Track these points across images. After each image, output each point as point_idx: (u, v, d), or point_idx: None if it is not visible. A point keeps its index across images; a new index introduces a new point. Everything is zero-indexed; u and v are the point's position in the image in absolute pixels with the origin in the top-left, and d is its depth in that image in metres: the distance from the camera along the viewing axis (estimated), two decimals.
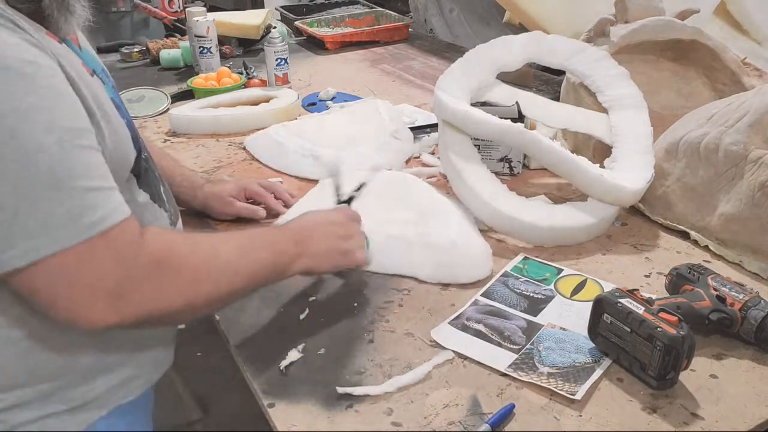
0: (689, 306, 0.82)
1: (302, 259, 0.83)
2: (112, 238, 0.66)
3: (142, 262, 0.68)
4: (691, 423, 0.71)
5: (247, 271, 0.77)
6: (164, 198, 0.88)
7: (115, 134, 0.74)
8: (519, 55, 1.23)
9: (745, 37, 1.69)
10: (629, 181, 1.04)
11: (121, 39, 2.29)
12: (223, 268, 0.75)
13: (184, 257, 0.72)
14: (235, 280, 0.76)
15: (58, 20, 0.73)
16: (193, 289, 0.71)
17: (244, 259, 0.77)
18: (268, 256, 0.80)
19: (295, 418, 0.73)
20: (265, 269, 0.79)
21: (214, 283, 0.73)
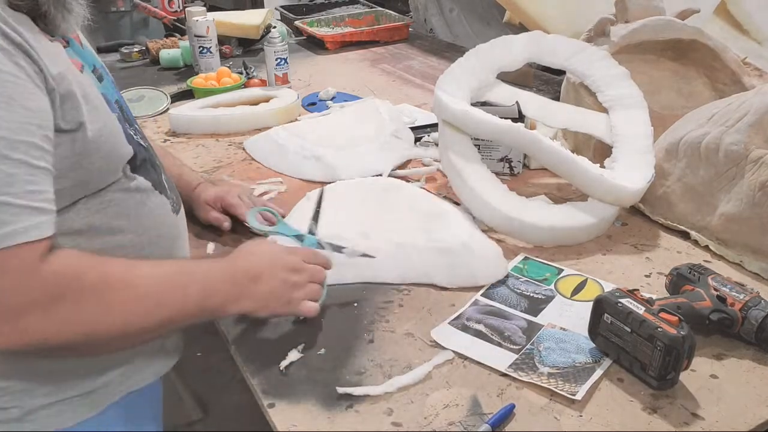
0: (690, 306, 0.82)
1: (242, 301, 0.78)
2: (10, 258, 0.62)
3: (34, 289, 0.64)
4: (692, 423, 0.71)
5: (166, 308, 0.72)
6: (166, 186, 0.88)
7: (104, 127, 0.74)
8: (519, 55, 1.23)
9: (745, 37, 1.69)
10: (629, 181, 1.04)
11: (121, 39, 2.29)
12: (136, 302, 0.70)
13: (90, 286, 0.67)
14: (149, 316, 0.71)
15: (56, 18, 0.73)
16: (93, 320, 0.67)
17: (164, 295, 0.72)
18: (197, 294, 0.74)
19: (295, 418, 0.73)
20: (189, 309, 0.74)
21: (122, 316, 0.69)
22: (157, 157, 0.90)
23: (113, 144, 0.76)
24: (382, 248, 0.96)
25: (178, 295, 0.73)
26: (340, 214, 1.03)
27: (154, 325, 0.72)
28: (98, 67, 0.83)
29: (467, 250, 0.96)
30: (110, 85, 0.84)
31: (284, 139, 1.34)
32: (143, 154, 0.83)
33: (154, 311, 0.71)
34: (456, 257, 0.95)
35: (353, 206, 1.06)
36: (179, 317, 0.74)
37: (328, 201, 1.05)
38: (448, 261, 0.95)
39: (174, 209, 0.88)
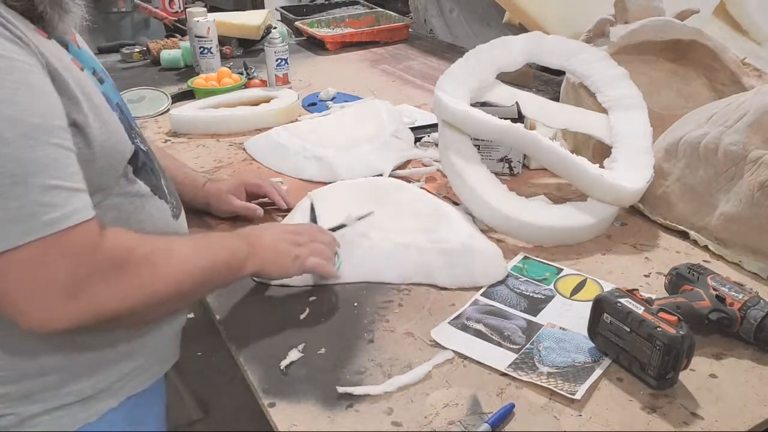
0: (689, 306, 0.82)
1: (256, 256, 0.83)
2: (69, 239, 0.65)
3: (99, 262, 0.67)
4: (691, 423, 0.71)
5: (203, 269, 0.77)
6: (166, 191, 0.88)
7: (106, 126, 0.74)
8: (519, 55, 1.23)
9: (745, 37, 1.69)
10: (629, 181, 1.04)
11: (122, 39, 2.29)
12: (180, 267, 0.74)
13: (143, 256, 0.71)
14: (192, 279, 0.75)
15: (53, 18, 0.73)
16: (151, 287, 0.71)
17: (200, 257, 0.77)
18: (223, 254, 0.80)
19: (296, 418, 0.73)
20: (220, 267, 0.79)
21: (173, 284, 0.73)
22: (157, 161, 0.90)
23: (115, 142, 0.76)
24: (382, 248, 0.96)
25: (210, 257, 0.78)
26: (340, 214, 1.03)
27: (196, 284, 0.76)
28: (98, 70, 0.83)
29: (467, 250, 0.96)
30: (111, 87, 0.84)
31: (285, 139, 1.35)
32: (143, 158, 0.84)
33: (194, 272, 0.76)
34: (456, 257, 0.95)
35: (353, 206, 1.06)
36: (213, 277, 0.79)
37: (328, 201, 1.06)
38: (449, 261, 0.95)
39: (174, 214, 0.89)
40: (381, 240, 0.98)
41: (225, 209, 1.09)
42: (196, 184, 1.10)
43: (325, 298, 0.94)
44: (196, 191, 1.09)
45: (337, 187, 1.14)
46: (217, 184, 1.11)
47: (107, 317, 0.68)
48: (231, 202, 1.09)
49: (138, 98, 1.66)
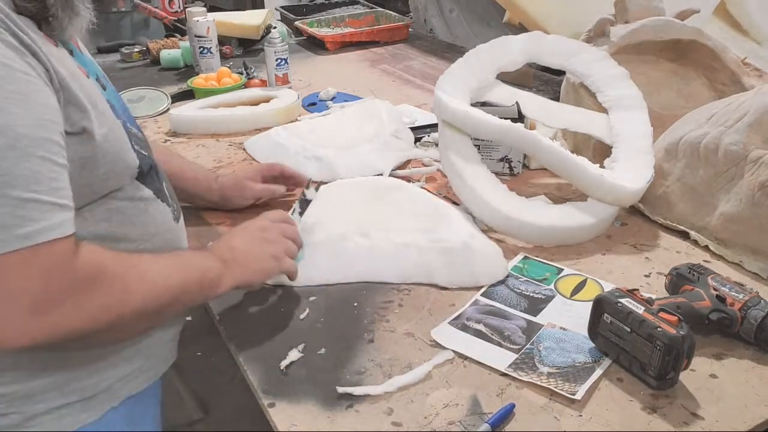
0: (689, 306, 0.82)
1: (231, 270, 0.81)
2: (41, 254, 0.63)
3: (69, 280, 0.66)
4: (691, 423, 0.71)
5: (173, 288, 0.75)
6: (167, 195, 0.89)
7: (111, 132, 0.74)
8: (519, 55, 1.23)
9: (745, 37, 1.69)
10: (629, 181, 1.04)
11: (122, 39, 2.29)
12: (150, 288, 0.73)
13: (114, 275, 0.70)
14: (161, 299, 0.74)
15: (62, 21, 0.73)
16: (120, 308, 0.70)
17: (171, 278, 0.75)
18: (195, 274, 0.78)
19: (296, 418, 0.73)
20: (191, 287, 0.78)
21: (143, 303, 0.72)
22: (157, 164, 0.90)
23: (119, 150, 0.76)
24: (382, 248, 0.96)
25: (181, 277, 0.77)
26: (340, 213, 1.03)
27: (165, 305, 0.75)
28: (100, 76, 0.84)
29: (468, 250, 0.96)
30: (113, 93, 0.85)
31: (285, 139, 1.35)
32: (147, 162, 0.84)
33: (164, 293, 0.74)
34: (457, 257, 0.95)
35: (353, 205, 1.06)
36: (184, 297, 0.77)
37: (328, 200, 1.05)
38: (449, 261, 0.95)
39: (175, 217, 0.89)
40: (381, 240, 0.97)
41: (246, 195, 1.10)
42: (209, 178, 1.11)
43: (325, 298, 0.94)
44: (210, 184, 1.10)
45: (337, 186, 1.14)
46: (232, 175, 1.12)
47: (73, 336, 0.67)
48: (252, 187, 1.10)
49: (138, 98, 1.66)
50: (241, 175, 1.11)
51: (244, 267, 0.83)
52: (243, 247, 0.84)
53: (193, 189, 1.09)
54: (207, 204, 1.12)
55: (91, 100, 0.72)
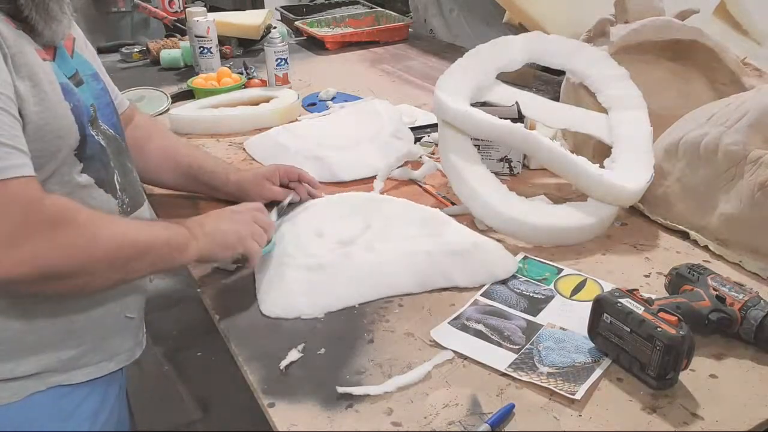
0: (689, 306, 0.82)
1: (197, 242, 0.84)
2: (11, 189, 0.68)
3: (40, 214, 0.69)
4: (691, 423, 0.71)
5: (143, 241, 0.79)
6: (118, 187, 0.90)
7: (49, 111, 0.77)
8: (519, 55, 1.23)
9: (745, 37, 1.69)
10: (629, 181, 1.04)
11: (122, 39, 2.29)
12: (120, 235, 0.77)
13: (83, 220, 0.73)
14: (131, 247, 0.77)
15: (38, 24, 0.77)
16: (90, 249, 0.73)
17: (140, 232, 0.79)
18: (163, 234, 0.82)
19: (295, 418, 0.73)
20: (160, 245, 0.81)
21: (112, 249, 0.75)
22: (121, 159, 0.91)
23: (56, 128, 0.78)
24: (391, 260, 0.94)
25: (150, 233, 0.80)
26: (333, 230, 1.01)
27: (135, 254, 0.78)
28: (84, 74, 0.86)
29: (478, 248, 0.96)
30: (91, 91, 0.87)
31: (285, 139, 1.35)
32: (96, 150, 0.85)
33: (134, 242, 0.78)
34: (470, 256, 0.95)
35: (342, 220, 1.04)
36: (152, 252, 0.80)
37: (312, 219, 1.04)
38: (463, 261, 0.95)
39: (123, 210, 0.90)
40: (388, 252, 0.95)
41: (265, 194, 1.11)
42: (228, 171, 1.12)
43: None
44: (228, 177, 1.11)
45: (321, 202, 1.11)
46: (252, 171, 1.14)
47: (47, 272, 0.70)
48: (271, 188, 1.11)
49: (138, 98, 1.66)
50: (261, 173, 1.13)
51: (210, 238, 0.86)
52: (212, 222, 0.88)
53: (212, 182, 1.11)
54: (225, 197, 1.14)
55: (33, 77, 0.75)
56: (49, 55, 0.81)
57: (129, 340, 0.93)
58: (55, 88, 0.78)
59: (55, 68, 0.81)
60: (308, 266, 0.93)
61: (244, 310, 0.92)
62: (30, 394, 0.82)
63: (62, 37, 0.83)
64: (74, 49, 0.88)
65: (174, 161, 1.10)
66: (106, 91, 0.93)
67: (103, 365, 0.89)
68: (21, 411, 0.81)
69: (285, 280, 0.92)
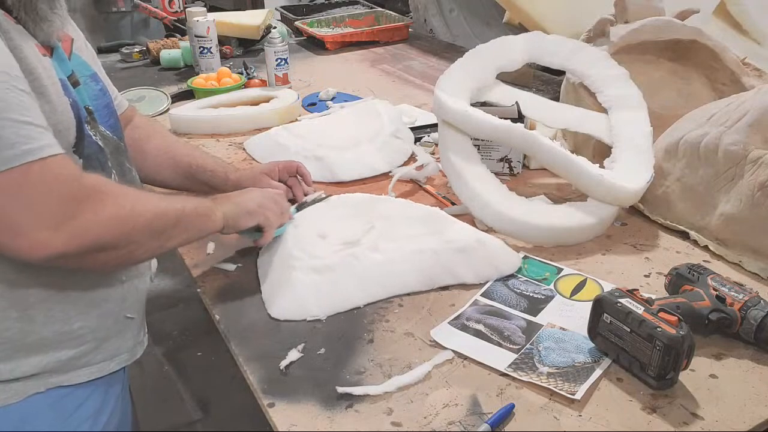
0: (689, 306, 0.82)
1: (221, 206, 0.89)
2: (50, 167, 0.69)
3: (81, 189, 0.71)
4: (691, 423, 0.71)
5: (174, 210, 0.82)
6: None
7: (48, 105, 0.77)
8: (519, 55, 1.23)
9: (745, 37, 1.69)
10: (629, 181, 1.04)
11: (122, 39, 2.29)
12: (154, 205, 0.80)
13: (121, 193, 0.77)
14: (166, 215, 0.81)
15: (27, 24, 0.77)
16: (132, 219, 0.75)
17: (169, 202, 0.83)
18: (190, 204, 0.86)
19: (295, 418, 0.73)
20: (189, 212, 0.84)
21: (151, 218, 0.78)
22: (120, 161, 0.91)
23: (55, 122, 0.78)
24: (397, 259, 0.94)
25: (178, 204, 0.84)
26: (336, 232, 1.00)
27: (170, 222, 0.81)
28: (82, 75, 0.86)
29: (482, 244, 0.96)
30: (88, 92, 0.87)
31: (284, 139, 1.35)
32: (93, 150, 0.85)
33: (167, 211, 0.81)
34: (474, 252, 0.95)
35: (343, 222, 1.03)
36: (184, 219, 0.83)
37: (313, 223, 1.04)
38: (469, 258, 0.95)
39: None
40: (393, 251, 0.95)
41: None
42: (227, 170, 1.12)
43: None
44: (227, 176, 1.12)
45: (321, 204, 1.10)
46: (250, 169, 1.14)
47: (97, 244, 0.72)
48: (268, 183, 1.11)
49: (138, 98, 1.66)
50: (260, 169, 1.14)
51: (234, 205, 0.91)
52: (236, 194, 0.95)
53: (211, 181, 1.11)
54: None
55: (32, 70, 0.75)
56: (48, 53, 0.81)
57: (130, 340, 0.93)
58: (55, 83, 0.78)
59: (54, 64, 0.81)
60: (314, 268, 0.92)
61: (244, 310, 0.92)
62: (30, 395, 0.82)
63: (57, 38, 0.82)
64: (72, 51, 0.88)
65: (173, 161, 1.10)
66: (104, 93, 0.93)
67: (104, 365, 0.89)
68: (21, 412, 0.81)
69: (292, 282, 0.91)
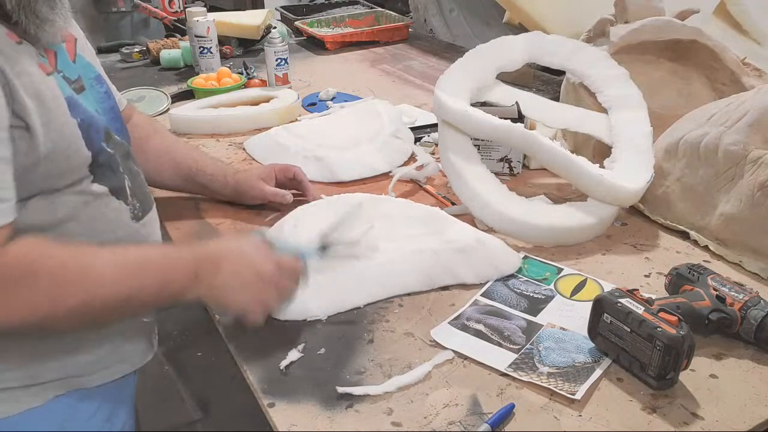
0: (689, 306, 0.82)
1: (198, 287, 0.78)
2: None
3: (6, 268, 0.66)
4: (691, 423, 0.71)
5: (120, 294, 0.74)
6: (129, 193, 0.88)
7: (57, 132, 0.75)
8: (519, 55, 1.23)
9: (745, 37, 1.69)
10: (629, 181, 1.04)
11: (122, 39, 2.29)
12: (92, 288, 0.72)
13: (50, 270, 0.70)
14: (103, 301, 0.73)
15: (28, 27, 0.74)
16: (51, 305, 0.69)
17: (121, 282, 0.74)
18: (154, 283, 0.76)
19: (295, 418, 0.73)
20: (146, 295, 0.76)
21: (79, 301, 0.71)
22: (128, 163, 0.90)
23: (65, 149, 0.76)
24: (397, 258, 0.94)
25: (134, 284, 0.75)
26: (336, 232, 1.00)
27: (110, 307, 0.74)
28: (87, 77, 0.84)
29: (482, 244, 0.96)
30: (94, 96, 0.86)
31: (284, 139, 1.35)
32: (105, 158, 0.83)
33: (108, 296, 0.73)
34: (475, 252, 0.95)
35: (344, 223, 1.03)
36: (134, 303, 0.76)
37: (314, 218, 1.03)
38: (469, 258, 0.95)
39: (135, 216, 0.88)
40: (393, 251, 0.95)
41: (256, 195, 1.10)
42: (226, 174, 1.11)
43: None
44: (226, 180, 1.10)
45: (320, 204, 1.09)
46: (248, 172, 1.13)
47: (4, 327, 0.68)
48: (262, 188, 1.10)
49: (138, 98, 1.66)
50: (255, 173, 1.12)
51: (214, 291, 0.79)
52: (229, 270, 0.79)
53: (210, 185, 1.10)
54: (223, 198, 1.14)
55: (38, 97, 0.73)
56: (52, 64, 0.79)
57: (143, 342, 0.93)
58: (60, 105, 0.77)
59: (59, 81, 0.79)
60: (315, 268, 0.92)
61: None
62: (51, 399, 0.81)
63: (61, 38, 0.81)
64: (76, 51, 0.87)
65: (174, 162, 1.10)
66: (109, 95, 0.92)
67: (119, 368, 0.89)
68: (43, 415, 0.81)
69: None
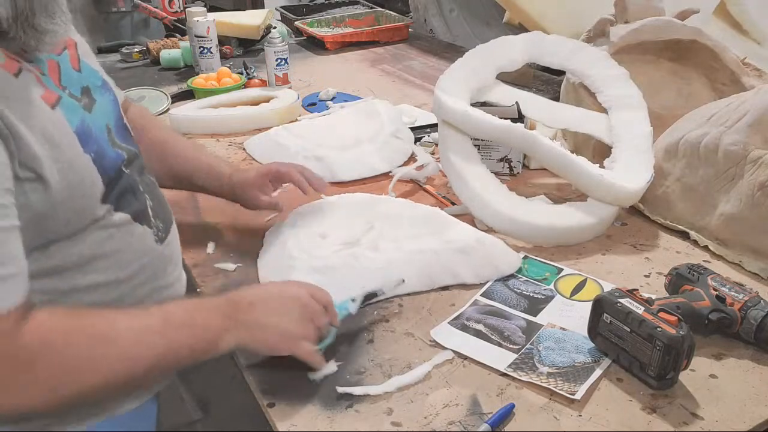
0: (689, 306, 0.82)
1: (234, 331, 0.74)
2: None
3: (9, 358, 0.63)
4: (691, 423, 0.71)
5: (152, 356, 0.70)
6: (151, 214, 0.85)
7: (70, 169, 0.71)
8: (519, 55, 1.23)
9: (745, 37, 1.69)
10: (629, 181, 1.04)
11: (122, 39, 2.29)
12: (117, 358, 0.68)
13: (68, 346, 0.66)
14: (132, 369, 0.69)
15: (28, 42, 0.70)
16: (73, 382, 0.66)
17: (151, 343, 0.70)
18: (186, 338, 0.72)
19: (295, 418, 0.73)
20: (181, 352, 0.72)
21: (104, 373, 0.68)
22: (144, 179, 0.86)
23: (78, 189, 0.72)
24: (397, 258, 0.94)
25: (164, 343, 0.71)
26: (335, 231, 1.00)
27: (143, 370, 0.71)
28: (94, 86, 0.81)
29: (482, 244, 0.96)
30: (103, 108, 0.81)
31: (285, 139, 1.35)
32: (125, 183, 0.80)
33: (136, 365, 0.70)
34: (474, 252, 0.95)
35: (342, 221, 1.03)
36: (169, 361, 0.73)
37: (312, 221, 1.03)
38: (469, 258, 0.95)
39: (158, 238, 0.85)
40: (393, 251, 0.95)
41: (252, 204, 1.08)
42: (222, 176, 1.07)
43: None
44: (221, 182, 1.07)
45: (320, 205, 1.10)
46: (243, 176, 1.08)
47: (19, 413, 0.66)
48: (255, 197, 1.07)
49: (138, 98, 1.66)
50: (251, 181, 1.06)
51: (252, 332, 0.75)
52: (260, 308, 0.76)
53: (211, 187, 1.08)
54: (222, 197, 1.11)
55: (49, 139, 0.69)
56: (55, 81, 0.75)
57: None
58: (72, 141, 0.72)
59: (66, 109, 0.73)
60: (315, 268, 0.92)
61: None
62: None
63: (62, 45, 0.78)
64: (80, 58, 0.82)
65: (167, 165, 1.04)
66: (115, 102, 0.86)
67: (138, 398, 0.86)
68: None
69: None
